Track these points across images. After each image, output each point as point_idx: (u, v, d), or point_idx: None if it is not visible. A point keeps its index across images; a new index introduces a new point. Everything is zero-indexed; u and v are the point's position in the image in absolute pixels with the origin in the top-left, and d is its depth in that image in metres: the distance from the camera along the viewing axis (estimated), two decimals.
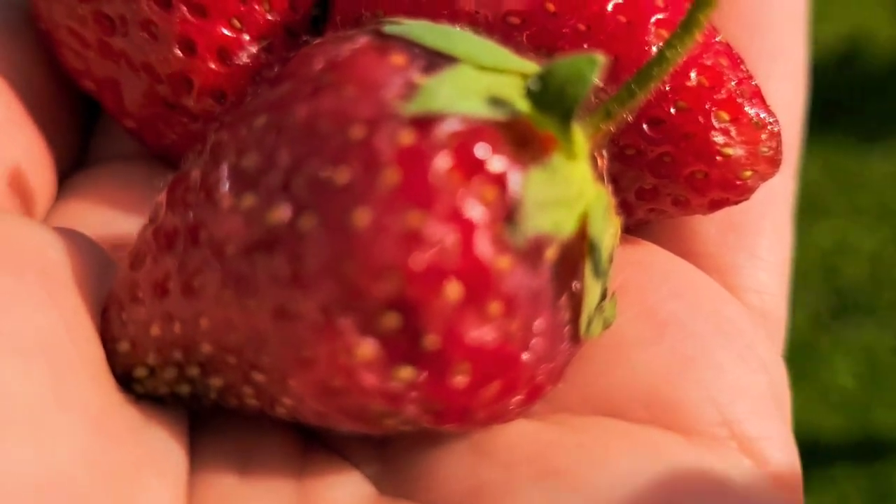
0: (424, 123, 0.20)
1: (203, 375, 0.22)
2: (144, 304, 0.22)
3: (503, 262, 0.20)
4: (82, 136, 0.33)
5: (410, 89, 0.20)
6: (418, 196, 0.19)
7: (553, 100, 0.20)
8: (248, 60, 0.29)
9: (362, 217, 0.19)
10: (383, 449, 0.24)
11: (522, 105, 0.21)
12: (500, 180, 0.20)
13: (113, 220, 0.30)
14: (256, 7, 0.29)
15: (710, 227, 0.29)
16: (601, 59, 0.20)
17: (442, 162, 0.19)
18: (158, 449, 0.22)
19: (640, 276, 0.26)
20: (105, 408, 0.21)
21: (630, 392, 0.24)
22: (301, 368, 0.20)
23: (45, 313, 0.21)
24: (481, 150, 0.20)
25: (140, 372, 0.23)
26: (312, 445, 0.24)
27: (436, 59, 0.21)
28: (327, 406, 0.21)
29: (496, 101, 0.20)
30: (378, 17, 0.27)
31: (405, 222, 0.19)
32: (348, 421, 0.21)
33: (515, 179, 0.20)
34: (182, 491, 0.22)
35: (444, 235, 0.19)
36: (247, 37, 0.29)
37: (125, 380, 0.23)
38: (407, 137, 0.19)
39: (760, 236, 0.29)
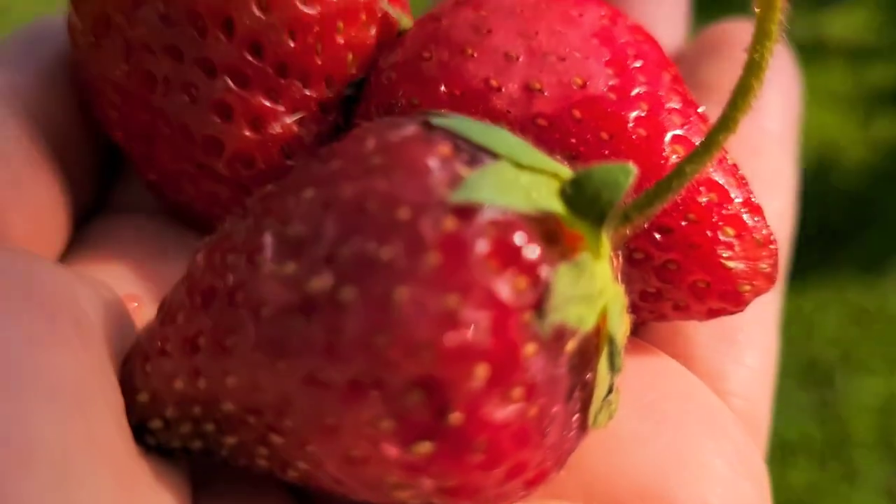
0: (467, 212, 0.21)
1: (218, 433, 0.23)
2: (172, 357, 0.23)
3: (529, 349, 0.21)
4: (103, 185, 0.34)
5: (455, 179, 0.21)
6: (457, 279, 0.20)
7: (587, 203, 0.22)
8: (280, 131, 0.30)
9: (402, 294, 0.20)
10: None
11: (556, 204, 0.22)
12: (532, 271, 0.21)
13: (125, 272, 0.30)
14: (294, 82, 0.30)
15: (702, 333, 0.31)
16: (634, 169, 0.22)
17: (481, 249, 0.21)
18: (169, 502, 0.22)
19: (637, 374, 0.27)
20: (128, 458, 0.21)
21: (626, 485, 0.25)
22: (324, 435, 0.21)
23: (79, 360, 0.21)
24: (517, 242, 0.21)
25: (156, 424, 0.23)
26: None
27: (478, 154, 0.22)
28: (345, 474, 0.21)
29: (532, 198, 0.22)
30: (413, 104, 0.28)
31: (443, 303, 0.20)
32: (363, 490, 0.22)
33: (546, 272, 0.21)
34: None
35: (477, 319, 0.20)
36: (281, 108, 0.30)
37: (138, 430, 0.23)
38: (450, 223, 0.21)
39: (749, 346, 0.31)
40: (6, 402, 0.19)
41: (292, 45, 0.29)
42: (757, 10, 0.22)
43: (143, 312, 0.28)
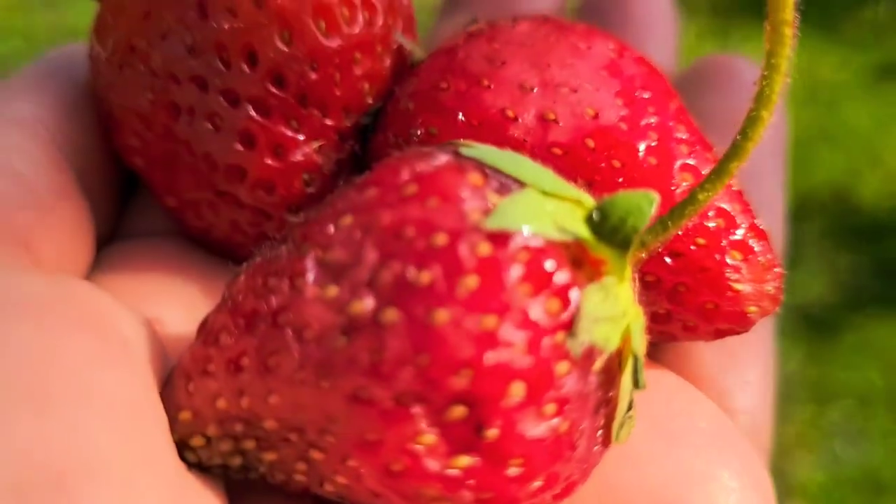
0: (500, 238, 0.22)
1: (258, 450, 0.24)
2: (216, 377, 0.23)
3: (562, 368, 0.22)
4: (121, 210, 0.34)
5: (488, 207, 0.23)
6: (494, 302, 0.21)
7: (612, 229, 0.23)
8: (301, 158, 0.31)
9: (442, 316, 0.21)
10: None
11: (581, 229, 0.23)
12: (563, 294, 0.22)
13: (146, 294, 0.31)
14: (315, 112, 0.31)
15: (707, 352, 0.32)
16: (657, 196, 0.23)
17: (515, 273, 0.22)
18: None
19: (649, 392, 0.29)
20: (178, 473, 0.22)
21: (641, 497, 0.26)
22: (366, 450, 0.22)
23: (130, 379, 0.22)
24: (549, 266, 0.22)
25: (197, 441, 0.24)
26: None
27: (507, 182, 0.23)
28: (385, 487, 0.22)
29: (559, 224, 0.23)
30: (431, 134, 0.30)
31: (481, 324, 0.21)
32: (401, 502, 0.23)
33: (575, 295, 0.22)
34: None
35: (514, 338, 0.21)
36: (302, 137, 0.31)
37: (179, 448, 0.24)
38: (485, 249, 0.22)
39: (750, 364, 0.33)
40: (71, 419, 0.20)
41: (314, 76, 0.31)
42: (767, 44, 0.23)
43: (166, 334, 0.29)
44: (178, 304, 0.30)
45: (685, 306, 0.29)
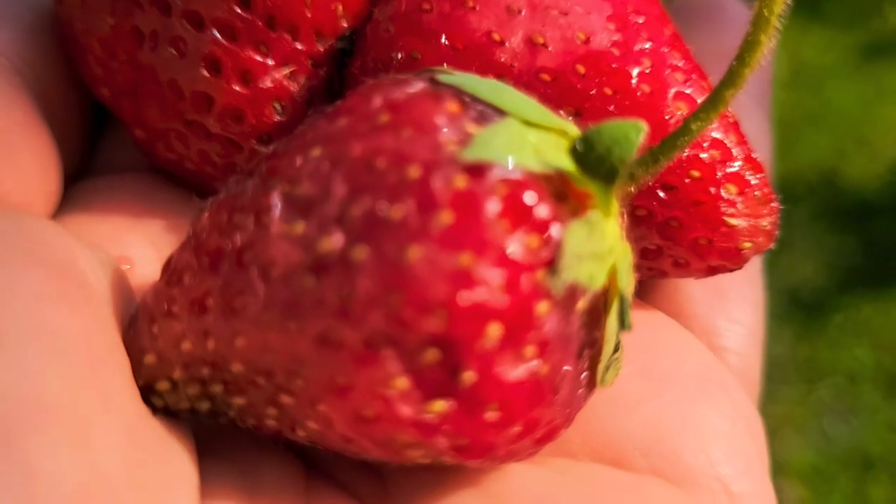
0: (478, 170, 0.21)
1: (226, 393, 0.23)
2: (180, 319, 0.22)
3: (542, 308, 0.21)
4: (88, 144, 0.33)
5: (464, 137, 0.21)
6: (469, 238, 0.20)
7: (597, 161, 0.22)
8: (270, 85, 0.30)
9: (415, 253, 0.20)
10: (386, 486, 0.24)
11: (565, 162, 0.22)
12: (544, 229, 0.21)
13: (116, 232, 0.30)
14: (284, 35, 0.29)
15: (695, 290, 0.31)
16: (645, 126, 0.21)
17: (493, 208, 0.20)
18: (179, 465, 0.22)
19: (636, 332, 0.27)
20: (138, 417, 0.21)
21: (631, 442, 0.25)
22: (336, 395, 0.21)
23: (85, 319, 0.21)
24: (529, 200, 0.21)
25: (163, 385, 0.23)
26: (316, 477, 0.25)
27: (487, 111, 0.22)
28: (356, 433, 0.21)
29: (541, 156, 0.22)
30: (413, 58, 0.28)
31: (455, 262, 0.20)
32: (374, 449, 0.22)
33: (557, 230, 0.21)
34: None
35: (491, 277, 0.20)
36: (271, 62, 0.30)
37: (145, 392, 0.23)
38: (461, 182, 0.20)
39: (740, 302, 0.32)
40: (18, 358, 0.18)
41: None
42: None
43: (136, 273, 0.28)
44: (148, 242, 0.29)
45: (677, 241, 0.28)
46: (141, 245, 0.29)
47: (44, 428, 0.18)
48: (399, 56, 0.28)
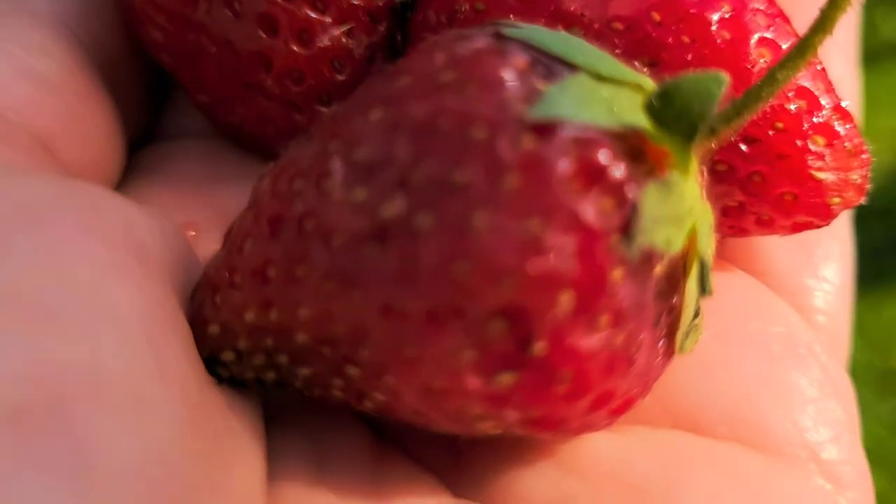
0: (546, 129, 0.19)
1: (292, 364, 0.22)
2: (241, 289, 0.22)
3: (616, 275, 0.20)
4: (154, 111, 0.33)
5: (532, 94, 0.20)
6: (539, 203, 0.19)
7: (675, 117, 0.20)
8: (328, 43, 0.29)
9: (481, 219, 0.19)
10: (460, 456, 0.24)
11: (640, 118, 0.20)
12: (618, 191, 0.20)
13: (180, 198, 0.29)
14: None
15: (780, 248, 0.29)
16: (726, 78, 0.20)
17: (563, 169, 0.19)
18: (244, 436, 0.22)
19: (717, 294, 0.26)
20: (200, 387, 0.21)
21: (713, 409, 0.24)
22: (403, 367, 0.20)
23: (143, 289, 0.20)
24: (602, 160, 0.20)
25: (227, 356, 0.23)
26: (386, 447, 0.24)
27: (556, 66, 0.21)
28: (425, 405, 0.21)
29: (615, 113, 0.20)
30: (477, 11, 0.27)
31: (525, 228, 0.19)
32: (444, 421, 0.21)
33: (633, 192, 0.20)
34: (262, 484, 0.22)
35: (562, 244, 0.19)
36: (328, 20, 0.29)
37: (210, 363, 0.23)
38: (529, 142, 0.19)
39: (827, 260, 0.30)
40: (71, 332, 0.18)
41: None
42: None
43: (202, 240, 0.27)
44: (213, 208, 0.29)
45: (760, 198, 0.26)
46: (206, 211, 0.29)
47: (98, 403, 0.17)
48: (463, 9, 0.27)
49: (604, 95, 0.20)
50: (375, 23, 0.30)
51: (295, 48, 0.29)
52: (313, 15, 0.29)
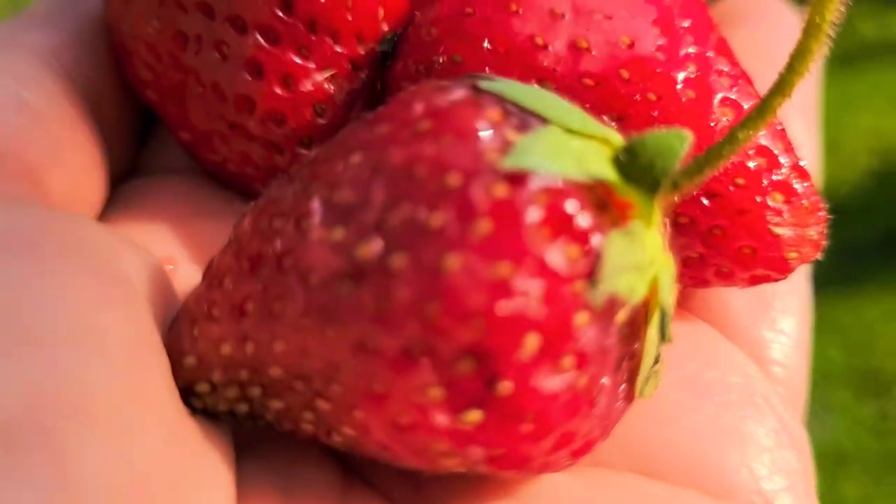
0: (518, 178, 0.20)
1: (264, 397, 0.23)
2: (220, 322, 0.22)
3: (581, 319, 0.20)
4: (137, 147, 0.33)
5: (505, 145, 0.21)
6: (508, 247, 0.20)
7: (641, 171, 0.21)
8: (311, 88, 0.30)
9: (453, 262, 0.20)
10: (424, 491, 0.24)
11: (607, 171, 0.21)
12: (584, 239, 0.21)
13: (160, 233, 0.30)
14: (326, 39, 0.30)
15: (739, 300, 0.30)
16: (689, 136, 0.21)
17: (533, 216, 0.20)
18: (216, 464, 0.22)
19: (677, 343, 0.27)
20: (176, 417, 0.21)
21: (672, 455, 0.25)
22: (372, 402, 0.21)
23: (125, 321, 0.21)
24: (569, 209, 0.21)
25: (202, 387, 0.23)
26: (353, 480, 0.25)
27: (528, 119, 0.22)
28: (392, 440, 0.21)
29: (583, 165, 0.21)
30: (455, 62, 0.28)
31: (494, 271, 0.20)
32: (410, 456, 0.22)
33: (598, 241, 0.21)
34: None
35: (529, 287, 0.20)
36: (312, 66, 0.30)
37: (185, 394, 0.23)
38: (501, 190, 0.20)
39: (785, 313, 0.31)
40: (57, 357, 0.19)
41: (323, 0, 0.29)
42: None
43: (180, 274, 0.28)
44: (192, 243, 0.29)
45: (720, 251, 0.27)
46: (185, 246, 0.30)
47: (81, 427, 0.18)
48: (441, 60, 0.28)
49: (573, 148, 0.22)
50: (357, 70, 0.31)
51: (278, 91, 0.30)
52: (298, 60, 0.30)
